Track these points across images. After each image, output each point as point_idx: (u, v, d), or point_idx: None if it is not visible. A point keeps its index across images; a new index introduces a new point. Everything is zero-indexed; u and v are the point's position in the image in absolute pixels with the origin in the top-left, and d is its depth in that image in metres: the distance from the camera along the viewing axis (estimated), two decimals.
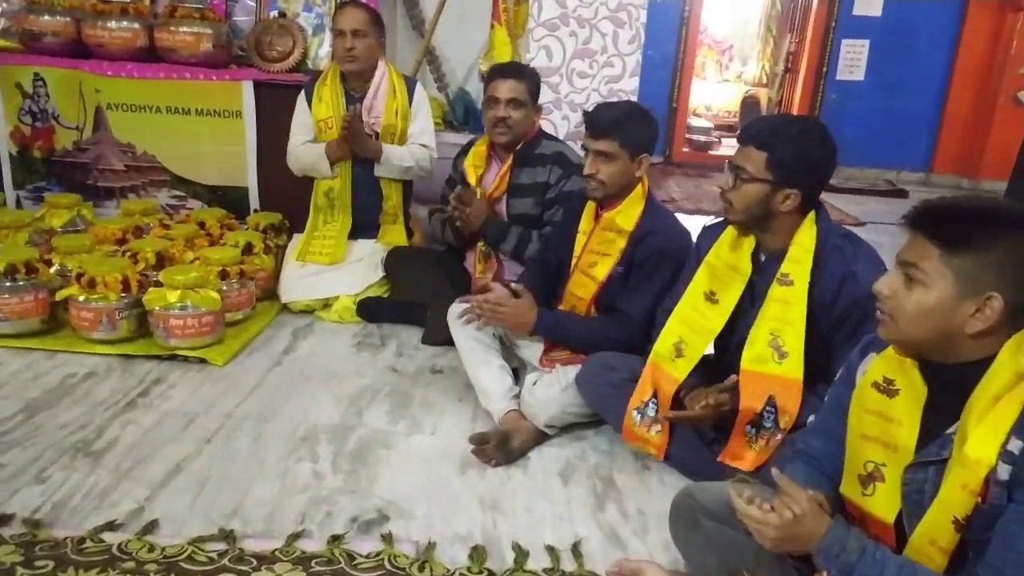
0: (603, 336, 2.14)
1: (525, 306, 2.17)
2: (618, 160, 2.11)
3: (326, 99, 3.00)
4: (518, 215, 2.68)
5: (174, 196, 3.47)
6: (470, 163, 2.78)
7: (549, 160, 2.66)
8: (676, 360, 1.93)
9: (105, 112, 3.36)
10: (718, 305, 1.90)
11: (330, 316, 2.91)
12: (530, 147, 2.69)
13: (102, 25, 3.26)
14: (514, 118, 2.61)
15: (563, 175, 2.63)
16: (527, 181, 2.67)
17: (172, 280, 2.45)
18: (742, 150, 1.76)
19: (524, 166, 2.67)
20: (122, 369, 2.38)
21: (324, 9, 3.54)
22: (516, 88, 2.59)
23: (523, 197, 2.68)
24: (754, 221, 1.80)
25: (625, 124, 2.11)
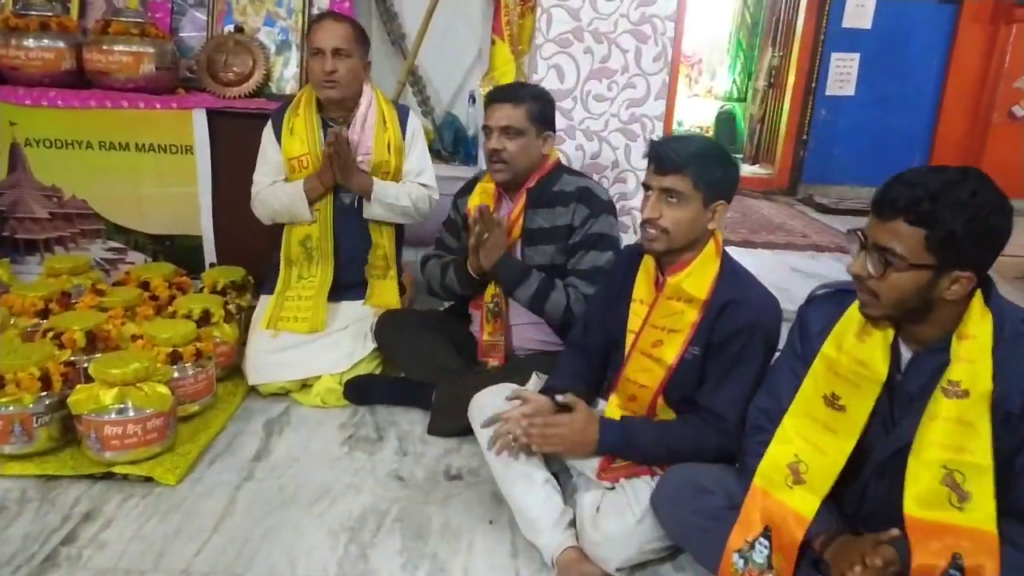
0: (692, 448, 1.65)
1: (582, 420, 1.68)
2: (689, 204, 1.64)
3: (299, 132, 2.46)
4: (537, 267, 2.20)
5: (111, 249, 2.88)
6: (476, 202, 2.29)
7: (572, 198, 2.20)
8: (795, 488, 1.45)
9: (23, 149, 2.76)
10: (846, 414, 1.43)
11: (310, 400, 2.36)
12: (547, 184, 2.22)
13: (17, 44, 2.66)
14: (510, 150, 2.16)
15: (590, 215, 2.17)
16: (545, 224, 2.20)
17: (106, 375, 1.88)
18: (886, 225, 1.29)
19: (540, 206, 2.21)
20: (41, 499, 1.80)
21: (290, 23, 3.00)
22: (512, 115, 2.14)
23: (541, 244, 2.21)
24: (907, 314, 1.34)
25: (703, 160, 1.64)
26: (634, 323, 1.79)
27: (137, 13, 2.78)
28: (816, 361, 1.48)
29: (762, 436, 1.55)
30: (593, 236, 2.18)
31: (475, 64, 3.50)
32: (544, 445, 1.68)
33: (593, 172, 2.78)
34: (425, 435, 2.21)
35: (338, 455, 2.08)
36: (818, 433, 1.45)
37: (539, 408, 1.74)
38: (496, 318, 2.24)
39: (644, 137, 2.80)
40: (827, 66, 6.46)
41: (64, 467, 1.90)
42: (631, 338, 1.79)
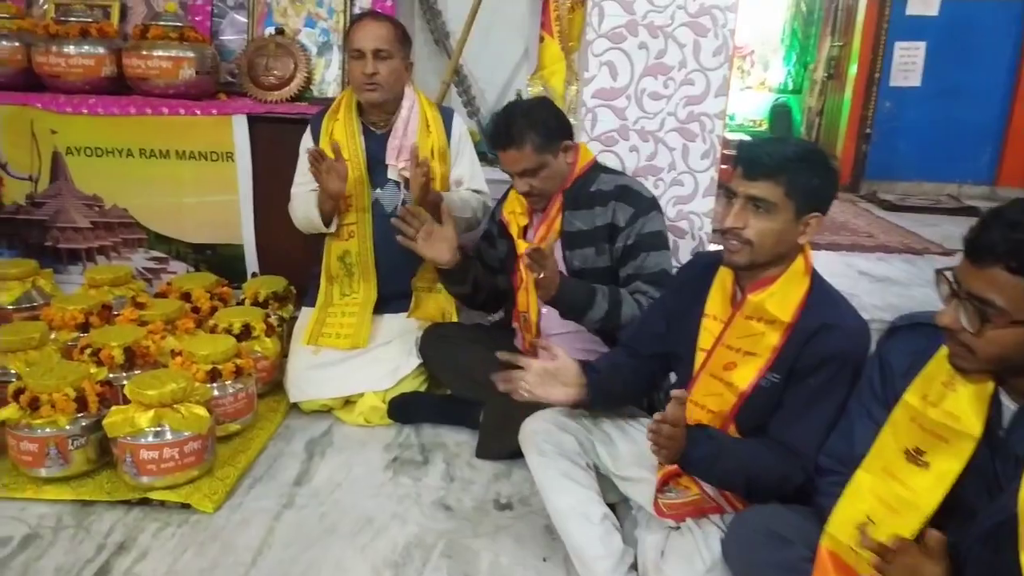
0: (775, 482, 1.47)
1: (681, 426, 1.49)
2: (779, 214, 1.46)
3: (339, 137, 2.36)
4: (579, 272, 2.05)
5: (152, 258, 2.82)
6: (510, 209, 2.17)
7: (610, 196, 2.05)
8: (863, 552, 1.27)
9: (64, 158, 2.71)
10: (929, 471, 1.24)
11: (353, 418, 2.26)
12: (583, 184, 2.08)
13: (57, 51, 2.62)
14: (536, 186, 2.05)
15: (636, 213, 2.02)
16: (584, 227, 2.05)
17: (142, 396, 1.80)
18: (982, 272, 1.10)
19: (578, 208, 2.06)
20: (76, 525, 1.73)
21: (331, 23, 2.91)
22: (521, 157, 2.00)
23: (582, 247, 2.06)
24: (1008, 370, 1.16)
25: (797, 166, 1.45)
26: (705, 341, 1.62)
27: (176, 17, 2.71)
28: (897, 409, 1.30)
29: (834, 476, 1.38)
30: (647, 236, 2.02)
31: (521, 62, 3.36)
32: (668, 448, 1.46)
33: (648, 175, 2.62)
34: (473, 458, 2.09)
35: (382, 480, 1.97)
36: (895, 492, 1.26)
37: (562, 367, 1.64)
38: (529, 329, 2.10)
39: (703, 137, 2.62)
40: (891, 56, 6.13)
41: (100, 492, 1.83)
42: (700, 357, 1.62)
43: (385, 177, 2.39)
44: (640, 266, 2.01)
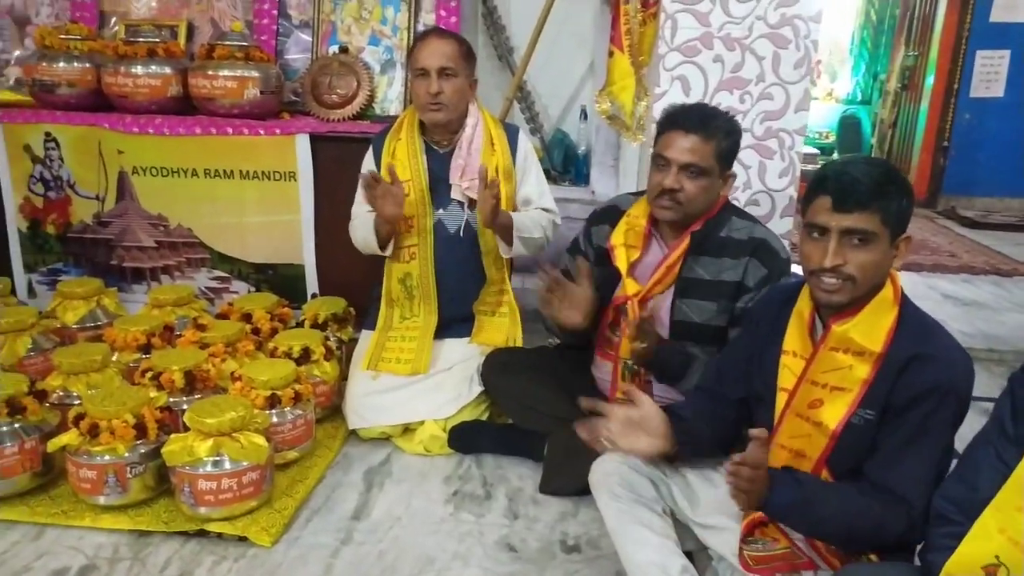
0: (872, 532, 1.32)
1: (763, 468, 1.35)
2: (877, 244, 1.33)
3: (401, 157, 2.30)
4: (687, 324, 1.87)
5: (215, 277, 2.81)
6: (621, 240, 1.94)
7: (744, 249, 1.85)
8: None
9: (130, 177, 2.73)
10: None
11: (413, 447, 2.18)
12: (713, 227, 1.87)
13: (125, 71, 2.63)
14: (688, 191, 1.80)
15: (769, 275, 1.82)
16: (707, 276, 1.86)
17: (201, 424, 1.76)
18: None
19: (704, 254, 1.87)
20: (132, 557, 1.68)
21: (394, 41, 2.87)
22: (700, 150, 1.77)
23: (701, 299, 1.87)
24: None
25: (888, 190, 1.33)
26: (786, 379, 1.49)
27: (242, 36, 2.71)
28: None
29: (949, 528, 1.23)
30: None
31: (586, 77, 3.27)
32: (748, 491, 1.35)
33: None
34: (537, 493, 1.98)
35: (443, 516, 1.88)
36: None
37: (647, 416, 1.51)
38: (635, 376, 1.95)
39: (781, 154, 2.49)
40: (971, 65, 5.84)
41: (157, 522, 1.79)
42: (782, 397, 1.49)
43: (448, 197, 2.32)
44: None
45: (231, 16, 2.94)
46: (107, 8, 3.00)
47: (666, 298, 1.92)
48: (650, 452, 1.54)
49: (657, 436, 1.53)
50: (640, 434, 1.52)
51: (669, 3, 2.39)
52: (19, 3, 3.07)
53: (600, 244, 2.05)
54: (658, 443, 1.53)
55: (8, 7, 3.07)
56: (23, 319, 2.36)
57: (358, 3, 2.87)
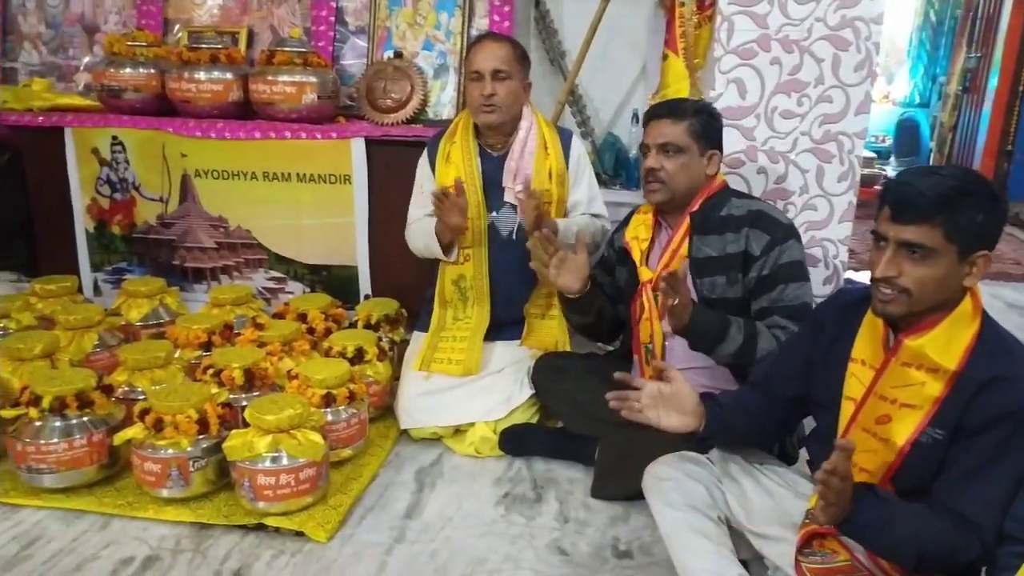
0: (946, 555, 1.28)
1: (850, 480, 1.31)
2: (939, 259, 1.28)
3: (455, 160, 2.33)
4: (705, 301, 1.91)
5: (272, 278, 2.87)
6: (632, 234, 2.07)
7: (743, 222, 1.91)
8: None
9: (192, 180, 2.81)
10: None
11: (463, 448, 2.19)
12: (712, 207, 1.95)
13: (189, 77, 2.72)
14: (668, 169, 1.92)
15: (772, 240, 1.87)
16: (714, 253, 1.92)
17: (261, 421, 1.80)
18: None
19: (707, 233, 1.93)
20: (194, 549, 1.73)
21: (448, 46, 2.89)
22: (672, 131, 1.92)
23: (711, 275, 1.92)
24: None
25: (958, 203, 1.27)
26: (853, 389, 1.45)
27: (300, 43, 2.77)
28: None
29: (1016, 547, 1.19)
30: (785, 266, 1.87)
31: (638, 81, 3.25)
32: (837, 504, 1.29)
33: (777, 199, 2.45)
34: (587, 497, 1.98)
35: (494, 517, 1.89)
36: None
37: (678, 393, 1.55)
38: (654, 359, 1.97)
39: (840, 157, 2.43)
40: None
41: (218, 515, 1.83)
42: (848, 407, 1.45)
43: (501, 200, 2.33)
44: (777, 299, 1.86)
45: (290, 23, 3.00)
46: (171, 15, 3.09)
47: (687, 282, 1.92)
48: (679, 428, 1.56)
49: (687, 413, 1.55)
50: (670, 409, 1.55)
51: (725, 5, 2.36)
52: (89, 12, 3.19)
53: (620, 245, 2.13)
54: (688, 420, 1.56)
55: (78, 16, 3.19)
56: (90, 316, 2.45)
57: (413, 9, 2.90)
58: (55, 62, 3.21)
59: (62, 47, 3.21)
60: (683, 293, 1.76)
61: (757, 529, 1.55)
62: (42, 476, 1.88)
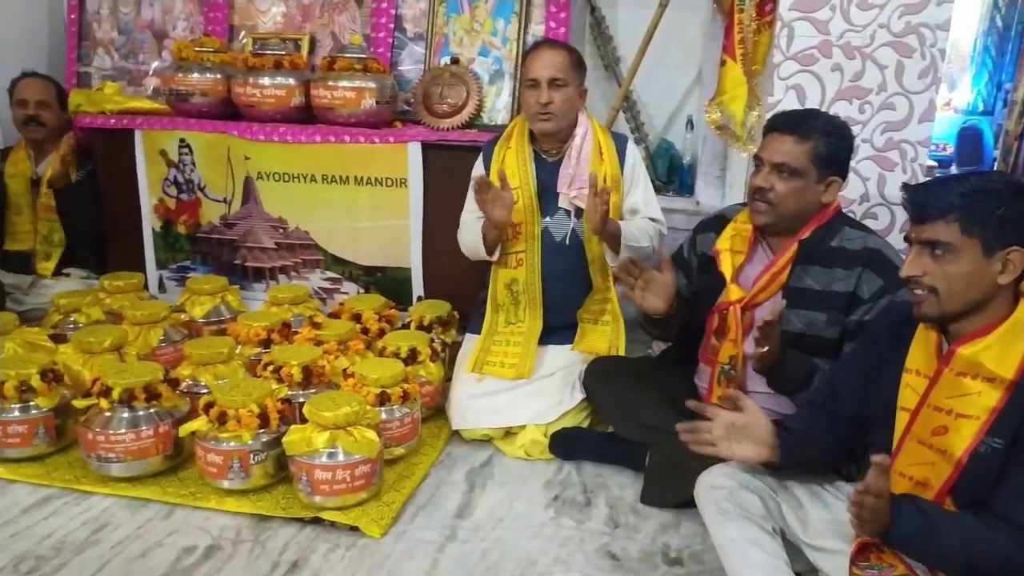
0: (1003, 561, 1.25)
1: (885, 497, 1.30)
2: (961, 256, 1.30)
3: (510, 165, 2.35)
4: (795, 336, 1.83)
5: (328, 279, 2.94)
6: (726, 246, 1.95)
7: (856, 260, 1.80)
8: None
9: (255, 182, 2.90)
10: None
11: (513, 451, 2.21)
12: (823, 236, 1.84)
13: (253, 82, 2.80)
14: (779, 191, 1.80)
15: (885, 287, 1.76)
16: (817, 286, 1.83)
17: (319, 417, 1.85)
18: None
19: (814, 263, 1.83)
20: (253, 540, 1.78)
21: (504, 52, 2.93)
22: (791, 151, 1.78)
23: (808, 309, 1.83)
24: None
25: (974, 200, 1.29)
26: (907, 399, 1.44)
27: (360, 49, 2.83)
28: None
29: None
30: None
31: (693, 87, 3.24)
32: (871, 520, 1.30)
33: None
34: (638, 504, 1.98)
35: (543, 520, 1.90)
36: None
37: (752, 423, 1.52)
38: (730, 382, 1.93)
39: (903, 166, 2.39)
40: None
41: (276, 507, 1.89)
42: (903, 418, 1.44)
43: (555, 206, 2.35)
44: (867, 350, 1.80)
45: (350, 30, 3.07)
46: (237, 22, 3.19)
47: (772, 308, 1.88)
48: (753, 459, 1.54)
49: (761, 444, 1.53)
50: (744, 440, 1.53)
51: (786, 11, 2.34)
52: (158, 18, 3.31)
53: (704, 251, 2.06)
54: (762, 451, 1.53)
55: (149, 22, 3.32)
56: (156, 312, 2.54)
57: (470, 16, 2.94)
58: (126, 67, 3.34)
59: (133, 52, 3.34)
60: (775, 341, 1.71)
61: (813, 542, 1.54)
62: (110, 465, 1.96)
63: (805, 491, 1.60)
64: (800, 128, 1.79)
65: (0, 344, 2.34)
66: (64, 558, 1.69)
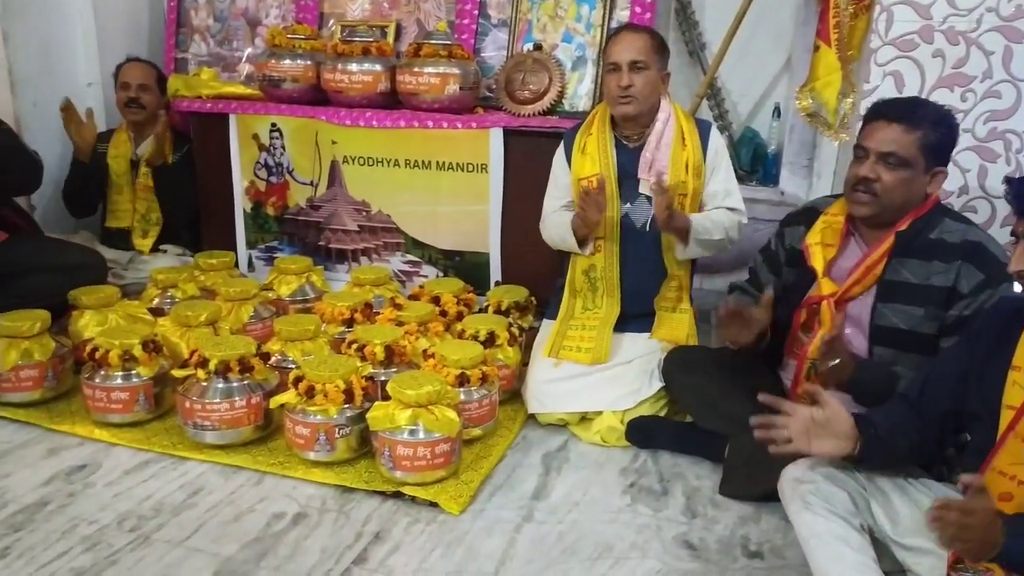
0: None
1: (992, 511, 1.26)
2: None
3: (591, 152, 2.35)
4: (891, 330, 1.78)
5: (408, 261, 3.00)
6: (817, 239, 1.89)
7: (956, 253, 1.73)
8: None
9: (341, 166, 2.97)
10: None
11: (589, 436, 2.22)
12: (922, 228, 1.77)
13: (342, 68, 2.87)
14: (885, 182, 1.73)
15: (985, 281, 1.69)
16: (915, 280, 1.76)
17: (402, 395, 1.90)
18: None
19: (911, 255, 1.77)
20: (338, 510, 1.85)
21: (588, 38, 2.91)
22: (900, 140, 1.71)
23: (905, 304, 1.77)
24: None
25: None
26: (1013, 397, 1.38)
27: (445, 35, 2.87)
28: None
29: None
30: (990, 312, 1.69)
31: (781, 73, 3.16)
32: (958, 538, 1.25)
33: None
34: (716, 495, 1.96)
35: (620, 506, 1.90)
36: None
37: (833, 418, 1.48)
38: (819, 378, 1.87)
39: (1007, 157, 2.28)
40: None
41: (359, 480, 1.95)
42: (1007, 416, 1.38)
43: (636, 192, 2.34)
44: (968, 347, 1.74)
45: (435, 16, 3.11)
46: (327, 10, 3.28)
47: (866, 302, 1.83)
48: (835, 454, 1.51)
49: (843, 437, 1.49)
50: (824, 435, 1.49)
51: None
52: (252, 6, 3.43)
53: (793, 245, 2.00)
54: (844, 444, 1.49)
55: (243, 10, 3.44)
56: (247, 289, 2.65)
57: (554, 1, 2.94)
58: (220, 53, 3.48)
59: (227, 39, 3.47)
60: (844, 352, 1.69)
61: (903, 541, 1.50)
62: (205, 433, 2.06)
63: (895, 488, 1.55)
64: (909, 116, 1.72)
65: (103, 315, 2.48)
66: (163, 519, 1.80)
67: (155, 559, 1.65)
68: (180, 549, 1.69)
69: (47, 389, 2.28)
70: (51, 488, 1.91)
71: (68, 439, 2.15)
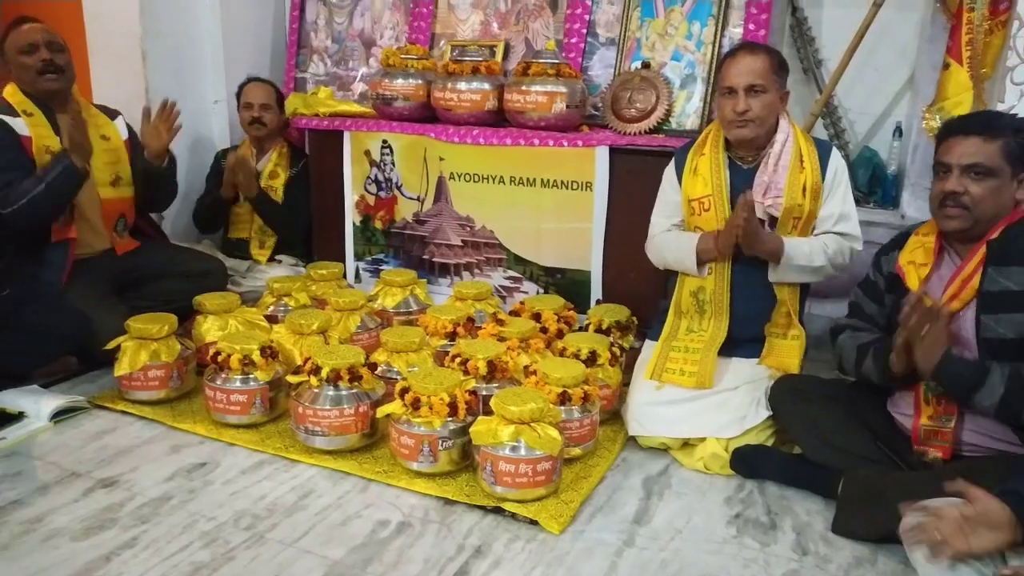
0: None
1: None
2: None
3: (703, 172, 2.30)
4: (999, 342, 1.69)
5: (509, 277, 3.03)
6: (908, 258, 1.89)
7: None
8: None
9: (447, 182, 3.04)
10: None
11: (692, 462, 2.17)
12: (1016, 234, 1.73)
13: (452, 87, 2.94)
14: (973, 193, 1.72)
15: None
16: (1015, 287, 1.70)
17: (505, 410, 1.91)
18: None
19: (1006, 263, 1.71)
20: (440, 521, 1.88)
21: (698, 56, 2.87)
22: (983, 150, 1.71)
23: (1007, 312, 1.70)
24: None
25: None
26: None
27: (554, 54, 2.90)
28: None
29: None
30: None
31: (903, 92, 3.02)
32: None
33: None
34: (828, 532, 1.87)
35: (725, 537, 1.85)
36: None
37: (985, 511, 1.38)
38: (941, 399, 1.79)
39: None
40: None
41: (460, 493, 1.97)
42: None
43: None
44: None
45: (543, 35, 3.15)
46: (438, 30, 3.37)
47: (968, 317, 1.76)
48: (995, 548, 1.40)
49: (1000, 528, 1.39)
50: (979, 529, 1.40)
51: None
52: (368, 28, 3.57)
53: (890, 271, 1.95)
54: (1002, 536, 1.39)
55: (359, 31, 3.58)
56: (355, 300, 2.74)
57: (665, 20, 2.92)
58: (337, 72, 3.63)
59: (343, 59, 3.62)
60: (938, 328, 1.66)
61: None
62: (315, 438, 2.13)
63: None
64: (987, 127, 1.75)
65: (224, 320, 2.62)
66: (276, 519, 1.87)
67: (268, 558, 1.72)
68: (291, 549, 1.75)
69: (172, 389, 2.43)
70: (174, 484, 2.02)
71: (189, 437, 2.27)
